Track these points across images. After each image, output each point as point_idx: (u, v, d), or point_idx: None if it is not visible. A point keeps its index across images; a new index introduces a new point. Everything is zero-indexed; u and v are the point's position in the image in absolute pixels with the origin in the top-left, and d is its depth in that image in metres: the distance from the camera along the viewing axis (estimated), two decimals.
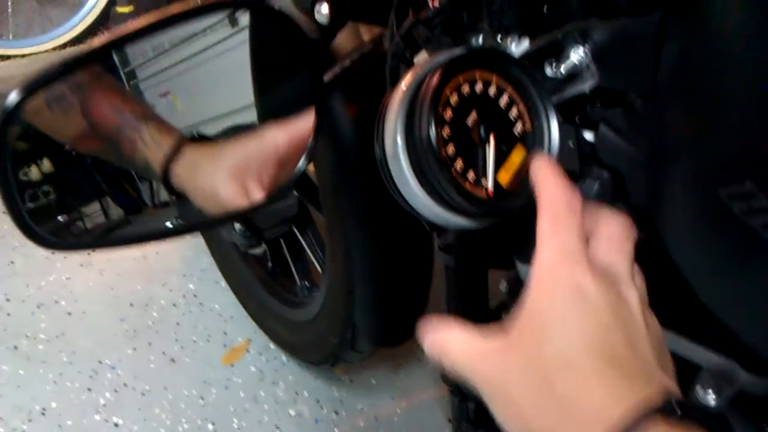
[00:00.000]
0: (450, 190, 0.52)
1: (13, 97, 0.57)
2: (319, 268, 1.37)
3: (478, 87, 0.54)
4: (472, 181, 0.53)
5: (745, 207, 0.39)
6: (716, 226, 0.43)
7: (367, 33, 0.85)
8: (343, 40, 0.82)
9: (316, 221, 1.38)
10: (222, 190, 0.72)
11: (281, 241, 1.45)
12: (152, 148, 0.72)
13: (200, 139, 0.76)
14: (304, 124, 0.69)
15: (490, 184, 0.53)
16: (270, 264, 1.53)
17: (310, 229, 1.37)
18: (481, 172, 0.53)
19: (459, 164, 0.53)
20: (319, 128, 0.66)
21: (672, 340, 0.64)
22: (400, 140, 0.53)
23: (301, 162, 0.68)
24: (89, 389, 1.56)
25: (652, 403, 0.39)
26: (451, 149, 0.53)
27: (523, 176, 0.55)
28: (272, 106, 0.72)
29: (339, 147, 0.99)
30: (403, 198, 0.55)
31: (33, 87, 0.58)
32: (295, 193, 1.30)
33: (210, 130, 0.82)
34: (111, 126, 0.72)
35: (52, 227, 0.76)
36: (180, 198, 0.76)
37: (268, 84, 0.71)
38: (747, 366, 0.58)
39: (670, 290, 0.53)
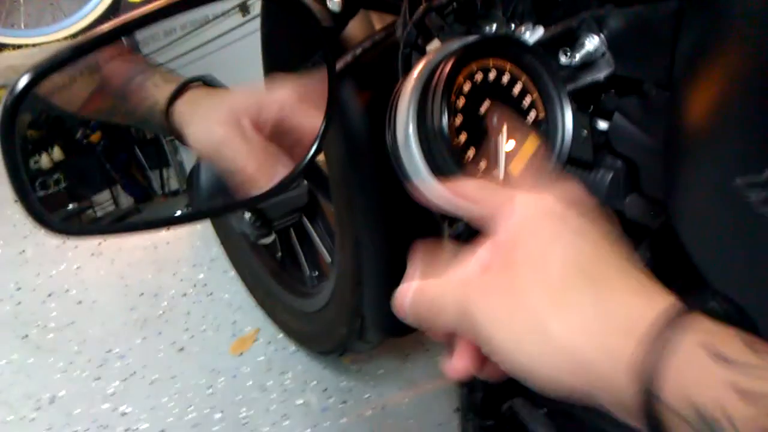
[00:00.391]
0: (461, 178, 0.51)
1: (21, 82, 0.57)
2: (328, 258, 1.37)
3: (492, 75, 0.53)
4: (484, 170, 0.53)
5: (763, 196, 0.39)
6: (732, 214, 0.43)
7: (379, 21, 0.85)
8: (355, 28, 0.81)
9: (326, 211, 1.38)
10: (216, 129, 0.72)
11: (291, 231, 1.45)
12: (160, 88, 0.72)
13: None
14: (314, 84, 0.67)
15: (501, 173, 0.53)
16: (279, 254, 1.53)
17: (320, 219, 1.37)
18: (493, 161, 0.53)
19: (471, 153, 0.53)
20: (330, 116, 0.66)
21: None
22: (411, 128, 0.53)
23: (314, 148, 0.67)
24: (98, 378, 1.57)
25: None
26: (463, 138, 0.52)
27: (535, 165, 0.55)
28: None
29: (349, 136, 0.98)
30: (414, 185, 0.55)
31: (41, 73, 0.58)
32: (305, 182, 1.30)
33: None
34: (123, 75, 0.72)
35: (62, 215, 0.76)
36: (179, 139, 0.75)
37: (279, 71, 0.71)
38: None
39: (683, 278, 0.53)
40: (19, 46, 2.46)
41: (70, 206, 0.78)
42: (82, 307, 1.74)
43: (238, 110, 0.70)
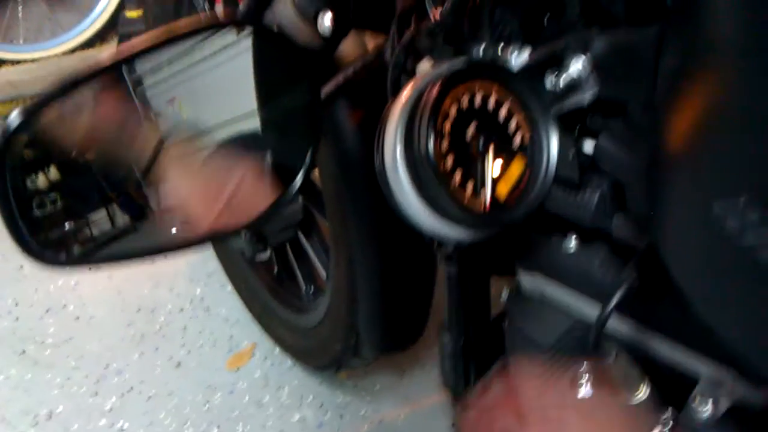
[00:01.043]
0: (448, 202, 0.52)
1: (13, 119, 0.57)
2: (324, 274, 1.37)
3: (478, 99, 0.54)
4: (470, 193, 0.53)
5: (739, 223, 0.39)
6: (710, 240, 0.43)
7: (371, 40, 0.85)
8: (348, 47, 0.82)
9: (322, 227, 1.38)
10: (176, 192, 0.74)
11: (287, 245, 1.46)
12: (148, 139, 0.75)
13: (193, 139, 0.78)
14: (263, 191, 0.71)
15: (488, 195, 0.53)
16: (276, 269, 1.54)
17: (316, 234, 1.37)
18: (480, 184, 0.54)
19: (458, 176, 0.53)
20: (317, 141, 0.67)
21: (671, 349, 0.64)
22: (399, 152, 0.53)
23: (299, 177, 0.68)
24: (96, 393, 1.57)
25: None
26: (450, 161, 0.53)
27: (522, 187, 0.55)
28: (275, 116, 0.73)
29: (342, 154, 0.99)
30: (403, 209, 0.56)
31: (33, 110, 0.59)
32: (300, 198, 1.30)
33: (215, 136, 0.83)
34: (116, 120, 0.74)
35: (56, 244, 0.77)
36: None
37: (271, 94, 0.72)
38: (745, 376, 0.58)
39: (669, 299, 0.53)
40: (18, 62, 2.48)
41: (66, 226, 0.78)
42: (80, 322, 1.74)
43: (205, 178, 0.73)
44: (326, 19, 0.71)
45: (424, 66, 0.66)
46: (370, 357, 1.29)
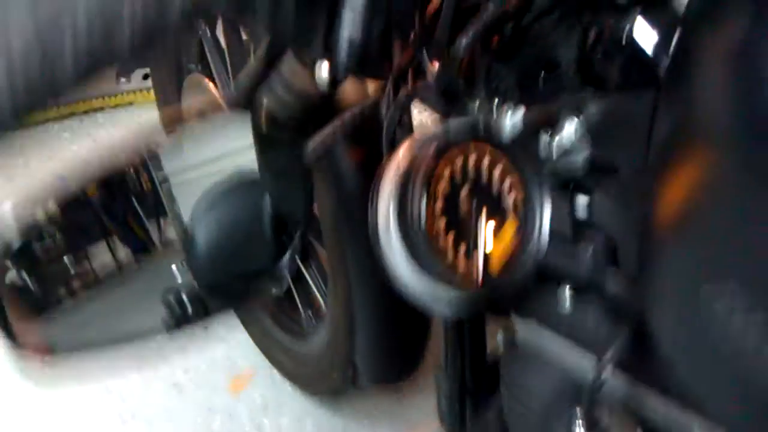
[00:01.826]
0: (438, 265, 0.52)
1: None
2: (322, 301, 1.37)
3: (471, 161, 0.54)
4: (463, 256, 0.53)
5: (728, 306, 0.39)
6: (697, 318, 0.43)
7: (372, 83, 0.85)
8: (348, 91, 0.82)
9: (320, 255, 1.38)
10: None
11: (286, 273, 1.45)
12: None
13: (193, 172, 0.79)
14: None
15: (480, 257, 0.54)
16: (275, 291, 1.53)
17: (314, 263, 1.37)
18: (473, 246, 0.54)
19: (450, 238, 0.53)
20: (311, 197, 0.67)
21: (665, 405, 0.64)
22: (392, 214, 0.54)
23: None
24: (95, 416, 1.57)
25: None
26: (442, 223, 0.53)
27: (515, 250, 0.55)
28: (273, 176, 0.73)
29: (340, 188, 0.99)
30: (393, 271, 0.56)
31: None
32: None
33: (211, 169, 0.83)
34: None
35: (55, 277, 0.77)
36: None
37: (268, 160, 0.72)
38: None
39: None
40: None
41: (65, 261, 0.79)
42: None
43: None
44: (323, 67, 0.71)
45: (419, 117, 0.66)
46: (368, 387, 1.29)
